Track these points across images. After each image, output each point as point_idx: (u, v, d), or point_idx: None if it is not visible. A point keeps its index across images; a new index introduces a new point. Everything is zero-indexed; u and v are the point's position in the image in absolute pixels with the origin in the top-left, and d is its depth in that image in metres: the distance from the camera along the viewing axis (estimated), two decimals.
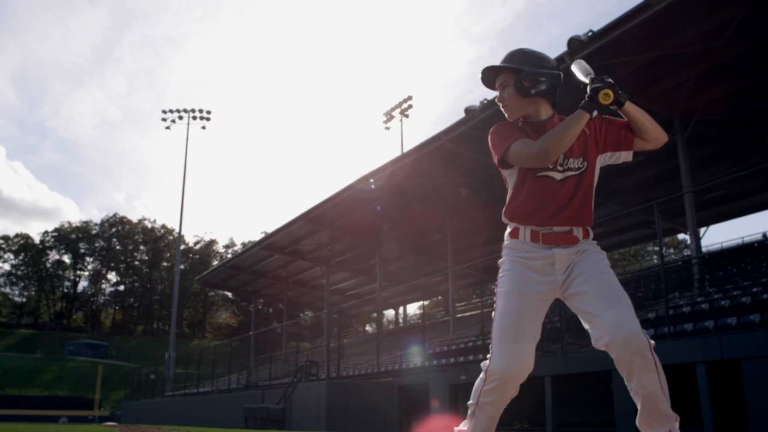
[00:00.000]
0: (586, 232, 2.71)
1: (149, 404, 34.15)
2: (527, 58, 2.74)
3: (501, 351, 2.65)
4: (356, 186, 25.35)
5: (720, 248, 25.79)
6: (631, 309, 2.50)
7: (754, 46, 16.22)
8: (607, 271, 2.62)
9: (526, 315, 2.65)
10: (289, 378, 22.41)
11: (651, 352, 2.44)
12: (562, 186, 2.66)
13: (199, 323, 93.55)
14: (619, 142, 2.74)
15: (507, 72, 2.75)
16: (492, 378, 2.68)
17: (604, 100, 2.48)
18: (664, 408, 2.46)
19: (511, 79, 2.73)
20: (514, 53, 2.78)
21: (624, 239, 35.58)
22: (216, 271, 44.76)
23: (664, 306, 12.05)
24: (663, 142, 2.76)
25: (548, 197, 2.66)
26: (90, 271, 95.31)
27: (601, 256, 2.69)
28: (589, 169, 2.69)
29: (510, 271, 2.71)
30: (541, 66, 2.73)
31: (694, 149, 19.65)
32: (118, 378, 56.82)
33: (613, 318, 2.46)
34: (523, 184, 2.71)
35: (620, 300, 2.51)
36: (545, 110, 2.76)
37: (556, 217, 2.66)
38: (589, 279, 2.58)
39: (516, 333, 2.64)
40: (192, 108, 51.40)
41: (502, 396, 2.71)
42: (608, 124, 2.73)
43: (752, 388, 9.01)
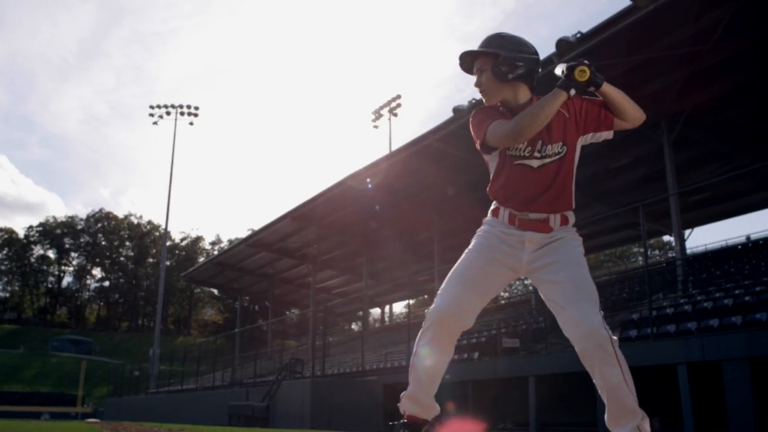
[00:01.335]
0: (564, 219, 2.70)
1: (133, 401, 33.95)
2: (505, 43, 2.72)
3: (443, 293, 2.71)
4: (343, 184, 25.33)
5: (704, 250, 25.97)
6: (596, 304, 2.51)
7: (741, 49, 16.34)
8: (580, 262, 2.63)
9: (480, 271, 2.70)
10: (273, 376, 22.34)
11: (612, 346, 2.44)
12: (539, 173, 2.66)
13: (185, 320, 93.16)
14: (599, 122, 2.71)
15: (485, 57, 2.73)
16: (428, 318, 2.72)
17: (580, 76, 2.47)
18: (629, 403, 2.46)
19: (489, 64, 2.71)
20: (491, 37, 2.76)
21: (610, 240, 35.77)
22: (202, 268, 44.61)
23: (648, 307, 12.11)
24: (641, 121, 2.73)
25: (525, 185, 2.67)
26: (75, 266, 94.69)
27: (576, 244, 2.69)
28: (568, 154, 2.68)
29: (481, 236, 2.77)
30: (518, 50, 2.70)
31: (681, 151, 19.77)
32: (102, 374, 56.44)
33: (577, 312, 2.49)
34: (502, 170, 2.72)
35: (586, 294, 2.52)
36: (523, 94, 2.74)
37: (532, 204, 2.67)
38: (561, 269, 2.59)
39: (463, 280, 2.70)
40: (180, 104, 51.11)
41: (437, 338, 2.70)
42: (587, 104, 2.70)
43: (733, 389, 9.07)
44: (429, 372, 2.77)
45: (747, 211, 27.70)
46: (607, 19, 15.55)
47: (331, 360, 27.83)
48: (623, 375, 2.45)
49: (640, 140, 20.14)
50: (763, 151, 20.72)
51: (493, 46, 2.71)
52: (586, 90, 2.55)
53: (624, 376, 2.45)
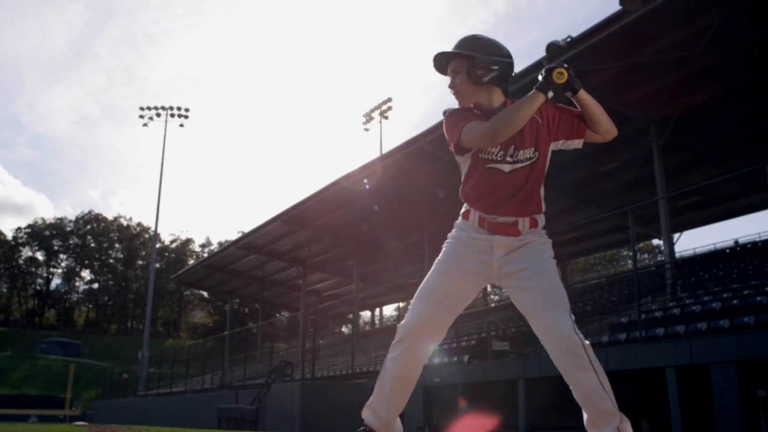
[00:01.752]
0: (534, 222, 2.70)
1: (121, 404, 33.80)
2: (480, 45, 2.70)
3: (413, 308, 2.72)
4: (335, 186, 25.31)
5: (693, 254, 26.10)
6: (567, 310, 2.52)
7: (730, 54, 16.44)
8: (550, 267, 2.63)
9: (450, 284, 2.70)
10: (263, 379, 22.28)
11: (584, 350, 2.46)
12: (510, 177, 2.66)
13: (174, 322, 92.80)
14: (571, 130, 2.71)
15: (460, 58, 2.71)
16: (399, 332, 2.72)
17: (558, 78, 2.45)
18: (606, 406, 2.45)
19: (464, 66, 2.69)
20: (466, 39, 2.74)
21: (600, 243, 35.93)
22: (192, 270, 44.46)
23: (637, 311, 12.15)
24: (612, 136, 2.73)
25: (495, 188, 2.67)
26: (63, 268, 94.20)
27: (545, 247, 2.70)
28: (540, 159, 2.68)
29: (450, 243, 2.78)
30: (493, 53, 2.69)
31: (670, 155, 19.86)
32: (91, 377, 56.10)
33: (548, 319, 2.50)
34: (473, 173, 2.72)
35: (557, 301, 2.53)
36: (497, 98, 2.73)
37: (501, 208, 2.67)
38: (531, 276, 2.60)
39: (432, 296, 2.69)
40: (170, 105, 50.96)
41: (406, 354, 2.69)
42: (561, 112, 2.70)
43: (721, 392, 9.11)
44: (394, 387, 2.75)
45: (735, 215, 27.85)
46: (597, 23, 15.61)
47: (321, 363, 27.78)
48: (598, 379, 2.45)
49: (630, 144, 20.22)
50: (752, 155, 20.85)
51: (469, 48, 2.69)
52: (564, 94, 2.53)
53: (599, 380, 2.45)
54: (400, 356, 2.70)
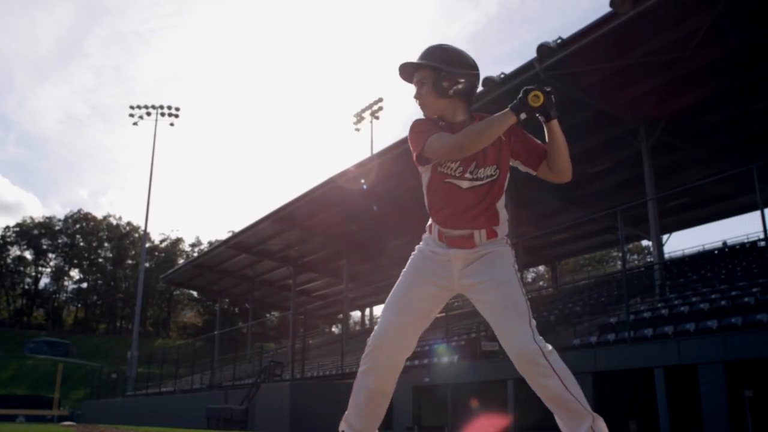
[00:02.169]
0: (492, 233, 2.68)
1: (110, 404, 33.66)
2: (447, 56, 2.67)
3: (381, 319, 2.75)
4: (325, 186, 25.30)
5: (681, 255, 26.24)
6: (525, 320, 2.52)
7: (719, 56, 16.54)
8: (509, 278, 2.62)
9: (414, 295, 2.71)
10: (252, 378, 22.24)
11: (545, 358, 2.46)
12: (467, 194, 2.66)
13: (164, 322, 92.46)
14: (528, 158, 2.69)
15: (426, 69, 2.67)
16: (368, 345, 2.73)
17: (533, 101, 2.40)
18: (576, 408, 2.46)
19: (430, 77, 2.67)
20: (434, 49, 2.70)
21: (589, 244, 36.07)
22: (181, 270, 44.32)
23: (626, 311, 12.21)
24: (565, 180, 2.70)
25: (451, 202, 2.67)
26: (52, 267, 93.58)
27: (504, 257, 2.67)
28: (500, 177, 2.67)
29: (413, 257, 2.81)
30: (460, 65, 2.67)
31: (659, 157, 19.97)
32: (79, 377, 55.80)
33: (507, 331, 2.52)
34: (431, 184, 2.72)
35: (515, 313, 2.53)
36: (461, 111, 2.72)
37: (456, 221, 2.67)
38: (491, 288, 2.60)
39: (399, 307, 2.71)
40: (160, 104, 50.77)
41: (377, 367, 2.70)
42: (525, 137, 2.69)
43: (708, 392, 9.17)
44: (369, 400, 2.75)
45: (724, 217, 28.05)
46: (587, 25, 15.68)
47: (310, 363, 27.75)
48: (563, 384, 2.45)
49: (620, 145, 20.33)
50: (741, 156, 20.98)
51: (436, 60, 2.67)
52: (535, 117, 2.49)
53: (564, 385, 2.45)
54: (372, 369, 2.70)
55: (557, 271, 42.98)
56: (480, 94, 18.16)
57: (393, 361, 2.71)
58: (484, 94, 18.00)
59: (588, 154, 21.68)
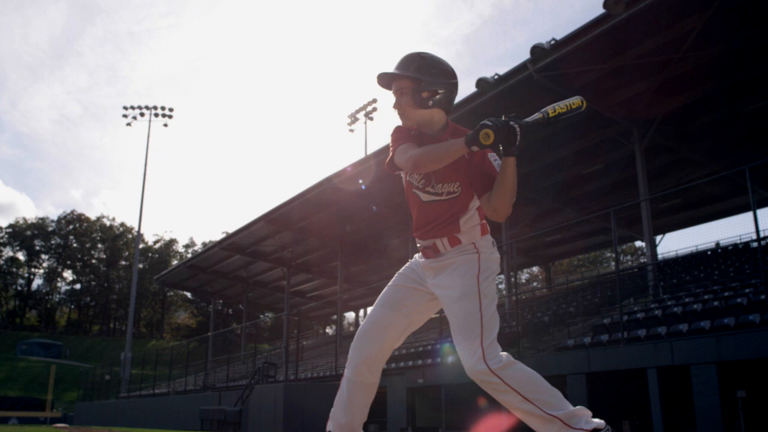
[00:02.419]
0: (455, 240, 2.70)
1: (103, 405, 33.56)
2: (426, 67, 2.68)
3: (369, 313, 2.90)
4: (319, 187, 25.29)
5: (675, 256, 26.30)
6: (476, 339, 2.54)
7: (711, 58, 16.60)
8: (468, 292, 2.61)
9: (398, 293, 2.82)
10: (246, 380, 22.21)
11: (496, 375, 2.48)
12: (427, 206, 2.72)
13: (157, 323, 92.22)
14: (475, 181, 2.67)
15: (405, 79, 2.70)
16: (355, 337, 2.85)
17: (483, 139, 2.36)
18: (539, 414, 2.47)
19: (409, 88, 2.69)
20: (412, 59, 2.71)
21: (583, 245, 36.13)
22: (175, 271, 44.20)
23: (619, 312, 12.25)
24: (496, 219, 2.66)
25: (417, 211, 2.77)
26: (45, 269, 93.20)
27: (466, 268, 2.66)
28: (462, 194, 2.68)
29: (406, 265, 2.92)
30: (439, 75, 2.69)
31: (652, 158, 20.03)
32: (72, 378, 55.65)
33: (459, 350, 2.58)
34: (405, 191, 2.82)
35: (466, 332, 2.56)
36: (439, 119, 2.74)
37: (420, 231, 2.77)
38: (450, 303, 2.65)
39: (382, 301, 2.84)
40: (154, 105, 50.63)
41: (356, 355, 2.79)
42: (483, 161, 2.65)
43: (701, 392, 9.21)
44: (351, 390, 2.82)
45: (717, 218, 28.12)
46: (580, 26, 15.72)
47: (304, 364, 27.73)
48: (521, 395, 2.48)
49: (613, 146, 20.39)
50: (733, 158, 21.07)
51: (414, 69, 2.68)
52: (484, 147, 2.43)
53: (523, 396, 2.48)
54: (352, 358, 2.80)
55: (551, 271, 43.12)
56: (473, 95, 18.21)
57: (370, 352, 2.76)
58: (478, 95, 18.04)
59: (581, 155, 21.76)
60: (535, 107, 2.62)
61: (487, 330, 2.56)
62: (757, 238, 11.06)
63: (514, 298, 20.20)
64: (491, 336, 2.56)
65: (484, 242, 2.72)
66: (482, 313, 2.57)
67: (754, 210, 10.84)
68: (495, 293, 2.67)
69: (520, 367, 2.53)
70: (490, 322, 2.58)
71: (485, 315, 2.57)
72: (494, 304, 2.64)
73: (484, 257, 2.67)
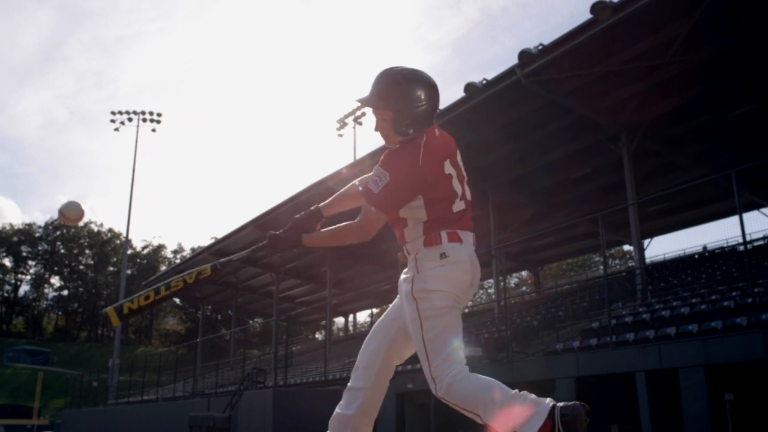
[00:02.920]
0: (407, 253, 2.74)
1: (91, 413, 33.30)
2: (405, 93, 2.65)
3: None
4: (307, 193, 25.25)
5: (663, 259, 26.44)
6: (425, 365, 2.56)
7: (697, 63, 16.73)
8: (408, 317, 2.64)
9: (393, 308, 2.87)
10: (235, 386, 22.12)
11: (443, 395, 2.52)
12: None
13: (146, 330, 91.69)
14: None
15: (387, 109, 2.69)
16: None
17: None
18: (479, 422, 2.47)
19: (389, 116, 2.69)
20: (391, 85, 2.68)
21: (572, 249, 36.24)
22: (164, 277, 44.01)
23: (607, 316, 12.29)
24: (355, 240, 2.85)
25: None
26: (32, 275, 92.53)
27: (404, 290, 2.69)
28: (390, 219, 2.74)
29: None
30: (418, 101, 2.65)
31: (640, 162, 20.14)
32: (60, 385, 55.18)
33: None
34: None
35: (420, 357, 2.59)
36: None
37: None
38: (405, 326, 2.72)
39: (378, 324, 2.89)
40: (142, 110, 50.47)
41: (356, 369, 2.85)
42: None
43: (689, 396, 9.25)
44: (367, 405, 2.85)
45: (704, 221, 28.28)
46: (568, 31, 15.80)
47: (294, 369, 27.66)
48: (478, 411, 2.44)
49: (601, 151, 20.47)
50: (719, 162, 21.21)
51: (394, 100, 2.66)
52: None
53: (473, 410, 2.46)
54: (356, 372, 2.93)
55: (540, 276, 43.20)
56: (462, 100, 18.25)
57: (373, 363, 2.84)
58: (466, 100, 18.08)
59: (569, 160, 21.83)
60: (522, 112, 2.64)
61: (433, 354, 2.54)
62: (744, 242, 11.14)
63: (503, 302, 20.22)
64: (438, 359, 2.53)
65: (426, 254, 2.64)
66: (424, 338, 2.55)
67: (740, 214, 10.92)
68: (443, 309, 2.57)
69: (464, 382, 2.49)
70: (434, 344, 2.55)
71: (427, 339, 2.55)
72: (441, 321, 2.56)
73: (420, 276, 2.61)
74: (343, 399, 2.82)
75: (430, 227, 2.64)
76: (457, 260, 2.60)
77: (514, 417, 2.37)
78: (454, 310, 2.61)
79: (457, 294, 2.60)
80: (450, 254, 2.60)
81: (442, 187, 2.65)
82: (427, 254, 2.61)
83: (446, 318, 2.56)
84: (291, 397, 16.16)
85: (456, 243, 2.62)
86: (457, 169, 2.70)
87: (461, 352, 2.57)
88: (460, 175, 2.71)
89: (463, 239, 2.65)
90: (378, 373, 2.79)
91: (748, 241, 11.51)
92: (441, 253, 2.60)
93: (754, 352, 8.96)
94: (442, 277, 2.58)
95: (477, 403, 2.44)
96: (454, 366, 2.51)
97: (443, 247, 2.61)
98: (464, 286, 2.63)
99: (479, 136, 18.97)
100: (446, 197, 2.66)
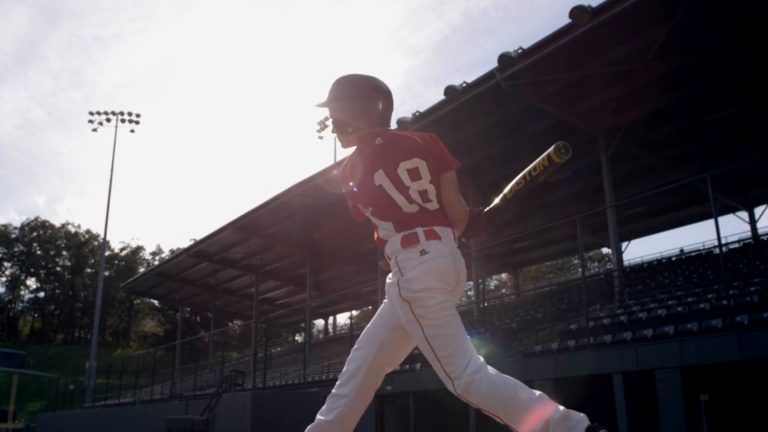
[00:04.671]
0: (387, 258, 2.72)
1: (67, 416, 32.92)
2: (341, 103, 2.81)
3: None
4: (287, 195, 25.16)
5: (640, 262, 26.70)
6: (437, 366, 2.53)
7: (674, 68, 16.94)
8: (405, 320, 2.61)
9: (380, 315, 2.83)
10: (214, 388, 21.98)
11: (462, 394, 2.48)
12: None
13: (123, 332, 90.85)
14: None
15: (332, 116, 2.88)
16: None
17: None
18: (501, 421, 2.45)
19: (333, 115, 2.87)
20: (336, 96, 2.84)
21: (551, 252, 36.52)
22: (142, 279, 43.66)
23: (585, 318, 12.38)
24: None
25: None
26: (8, 276, 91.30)
27: (392, 294, 2.66)
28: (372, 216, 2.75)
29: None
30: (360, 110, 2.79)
31: (618, 166, 20.33)
32: (35, 388, 54.50)
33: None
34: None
35: (429, 360, 2.55)
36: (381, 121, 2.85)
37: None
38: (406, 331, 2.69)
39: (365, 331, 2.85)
40: (121, 111, 50.01)
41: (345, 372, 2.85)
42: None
43: (665, 397, 9.34)
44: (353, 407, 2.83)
45: (680, 225, 28.61)
46: (547, 35, 15.91)
47: (273, 372, 27.55)
48: (499, 412, 2.42)
49: (579, 154, 20.62)
50: (695, 166, 21.47)
51: (338, 110, 2.83)
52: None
53: (500, 413, 2.43)
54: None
55: (520, 278, 43.45)
56: (442, 103, 18.30)
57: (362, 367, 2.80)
58: (446, 103, 18.14)
59: None
60: (502, 115, 2.66)
61: (439, 350, 2.50)
62: (719, 245, 11.29)
63: (482, 304, 20.29)
64: (445, 354, 2.49)
65: (405, 255, 2.60)
66: (426, 337, 2.53)
67: (716, 217, 11.07)
68: (437, 305, 2.52)
69: (484, 383, 2.43)
70: (437, 340, 2.50)
71: (429, 337, 2.51)
72: (439, 316, 2.52)
73: (404, 279, 2.56)
74: (325, 404, 2.79)
75: (402, 228, 2.62)
76: (437, 254, 2.56)
77: (540, 420, 2.34)
78: (448, 303, 2.57)
79: (446, 287, 2.56)
80: (429, 250, 2.56)
81: (375, 195, 2.67)
82: (407, 255, 2.58)
83: (443, 312, 2.52)
84: (270, 399, 16.09)
85: (434, 240, 2.59)
86: (394, 178, 2.65)
87: (468, 343, 2.52)
88: (400, 184, 2.65)
89: (442, 235, 2.62)
90: (362, 382, 2.74)
91: (723, 245, 11.66)
92: (421, 251, 2.57)
93: (729, 354, 9.07)
94: (427, 274, 2.53)
95: (498, 404, 2.41)
96: (465, 359, 2.46)
97: (422, 244, 2.57)
98: (451, 279, 2.59)
99: (460, 139, 19.04)
100: (387, 206, 2.66)
